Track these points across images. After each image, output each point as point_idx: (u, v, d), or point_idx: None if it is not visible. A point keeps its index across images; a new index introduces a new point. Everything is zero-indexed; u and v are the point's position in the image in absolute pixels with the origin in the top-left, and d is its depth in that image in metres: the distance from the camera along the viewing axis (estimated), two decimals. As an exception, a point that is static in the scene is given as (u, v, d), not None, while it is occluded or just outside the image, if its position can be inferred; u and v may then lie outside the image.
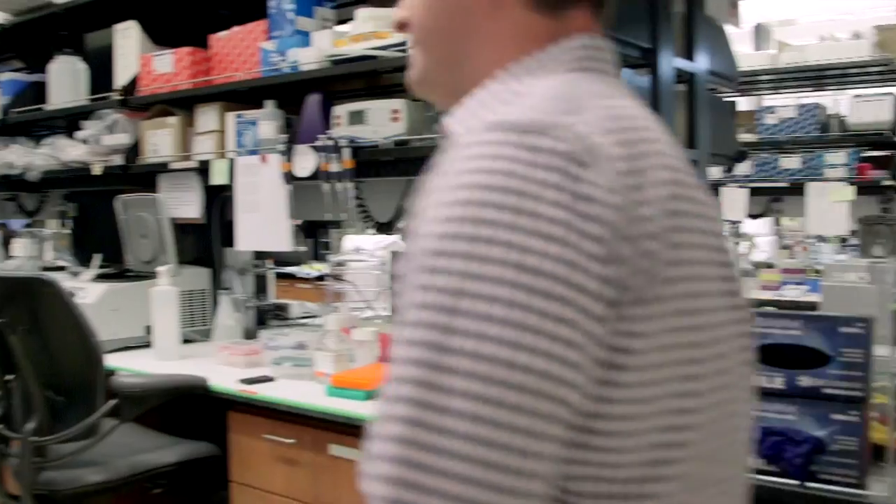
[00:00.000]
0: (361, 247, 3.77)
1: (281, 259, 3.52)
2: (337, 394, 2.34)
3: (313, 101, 2.70)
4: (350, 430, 2.21)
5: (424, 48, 0.94)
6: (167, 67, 3.15)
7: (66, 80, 3.72)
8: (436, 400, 0.66)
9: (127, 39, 3.42)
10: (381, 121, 2.48)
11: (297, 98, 2.81)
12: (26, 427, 2.42)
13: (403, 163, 2.55)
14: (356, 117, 2.54)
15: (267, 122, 2.81)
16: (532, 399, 0.66)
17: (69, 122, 3.81)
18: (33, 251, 3.87)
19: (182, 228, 3.31)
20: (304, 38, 2.74)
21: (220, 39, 3.04)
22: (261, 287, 3.35)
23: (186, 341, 3.08)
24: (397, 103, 2.47)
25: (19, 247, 3.92)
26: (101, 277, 3.32)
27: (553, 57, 0.85)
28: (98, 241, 4.03)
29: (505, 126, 0.71)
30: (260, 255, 3.36)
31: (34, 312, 2.41)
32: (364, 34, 2.52)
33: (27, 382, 2.45)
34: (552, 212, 0.67)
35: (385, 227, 2.96)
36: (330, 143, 2.54)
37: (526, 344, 0.65)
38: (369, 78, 2.71)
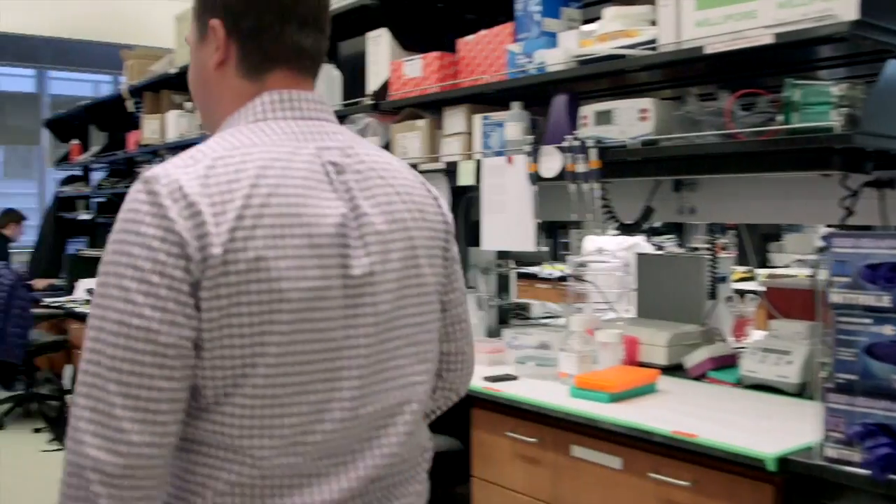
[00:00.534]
0: (603, 248, 3.73)
1: (521, 259, 3.54)
2: (580, 395, 2.32)
3: (560, 101, 2.69)
4: (593, 431, 2.19)
5: (194, 100, 1.34)
6: (416, 72, 3.24)
7: (321, 87, 3.88)
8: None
9: (378, 46, 3.55)
10: (629, 120, 2.44)
11: (543, 99, 2.81)
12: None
13: (651, 163, 2.50)
14: (603, 117, 2.51)
15: (513, 123, 2.83)
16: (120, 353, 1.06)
17: (325, 126, 4.00)
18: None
19: (428, 228, 3.38)
20: (550, 39, 2.74)
21: (468, 43, 3.10)
22: (503, 286, 3.38)
23: (431, 338, 3.16)
24: (645, 102, 2.42)
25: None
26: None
27: (244, 112, 1.22)
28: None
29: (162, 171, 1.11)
30: (502, 255, 3.40)
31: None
32: (611, 33, 2.48)
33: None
34: (137, 243, 1.07)
35: (629, 228, 2.91)
36: (576, 143, 2.53)
37: (117, 325, 1.07)
38: (615, 77, 2.67)
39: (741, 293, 3.21)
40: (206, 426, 1.11)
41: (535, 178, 2.73)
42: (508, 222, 2.86)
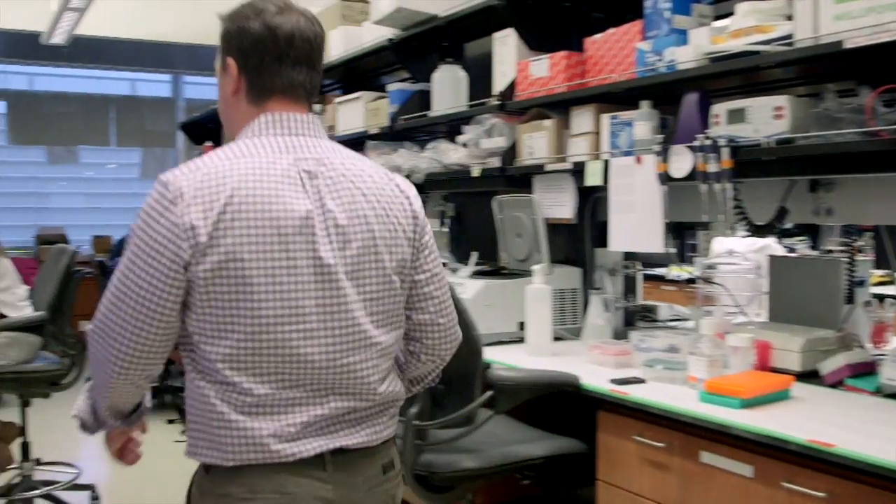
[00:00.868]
0: (733, 249, 3.63)
1: (648, 260, 3.48)
2: (710, 400, 2.27)
3: (690, 100, 2.64)
4: (723, 438, 2.14)
5: (220, 117, 1.75)
6: (543, 72, 3.23)
7: (447, 88, 3.93)
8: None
9: (505, 47, 3.55)
10: (763, 118, 2.37)
11: (672, 97, 2.76)
12: (410, 411, 2.58)
13: (785, 162, 2.42)
14: (736, 115, 2.45)
15: (642, 122, 2.80)
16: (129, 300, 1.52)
17: (450, 127, 4.03)
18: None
19: (554, 228, 3.38)
20: (680, 37, 2.69)
21: (596, 42, 3.07)
22: (629, 288, 3.33)
23: (557, 339, 3.15)
24: (780, 100, 2.35)
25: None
26: (478, 274, 3.48)
27: (247, 129, 1.63)
28: (474, 239, 4.23)
29: (168, 175, 1.53)
30: (628, 256, 3.35)
31: (421, 305, 2.56)
32: (744, 29, 2.42)
33: (413, 370, 2.62)
34: (151, 227, 1.50)
35: (761, 230, 2.83)
36: (708, 142, 2.47)
37: (125, 283, 1.54)
38: (749, 74, 2.60)
39: (880, 298, 3.08)
40: (206, 363, 1.54)
41: (665, 178, 2.68)
42: (636, 223, 2.82)
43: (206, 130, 8.13)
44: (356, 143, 4.87)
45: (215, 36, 1.71)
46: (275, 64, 1.64)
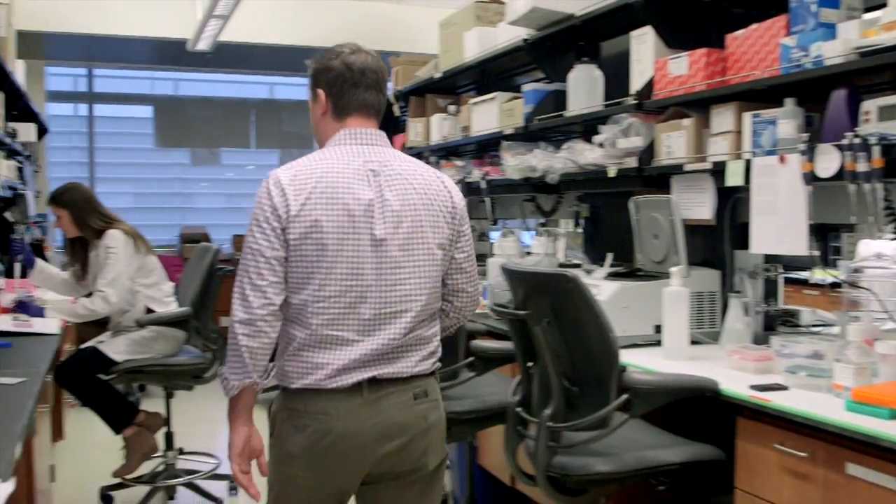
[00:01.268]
0: (882, 252, 3.47)
1: (789, 263, 3.37)
2: (858, 409, 2.18)
3: (839, 96, 2.54)
4: (871, 449, 2.05)
5: (314, 131, 2.35)
6: (682, 70, 3.17)
7: (583, 88, 3.90)
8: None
9: (642, 45, 3.50)
10: (918, 115, 2.27)
11: (818, 94, 2.68)
12: (543, 412, 2.57)
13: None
14: (888, 112, 2.35)
15: (786, 120, 2.71)
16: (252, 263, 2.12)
17: (586, 126, 4.00)
18: (549, 249, 4.11)
19: (692, 230, 3.31)
20: (828, 31, 2.60)
21: (737, 38, 2.99)
22: (770, 291, 3.23)
23: (693, 342, 3.08)
24: (938, 96, 2.24)
25: (537, 244, 4.19)
26: (613, 276, 3.44)
27: (332, 140, 2.23)
28: (609, 240, 4.18)
29: (275, 173, 2.17)
30: (769, 259, 3.25)
31: (556, 306, 2.55)
32: (899, 22, 2.32)
33: (546, 371, 2.60)
34: (260, 210, 2.14)
35: (916, 233, 2.70)
36: (857, 141, 2.37)
37: (247, 257, 2.13)
38: (902, 69, 2.49)
39: None
40: (289, 312, 2.16)
41: (810, 178, 2.59)
42: (779, 224, 2.74)
43: (342, 132, 8.29)
44: (491, 143, 4.90)
45: (351, 39, 2.25)
46: (351, 89, 2.26)
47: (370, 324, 2.14)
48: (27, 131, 6.61)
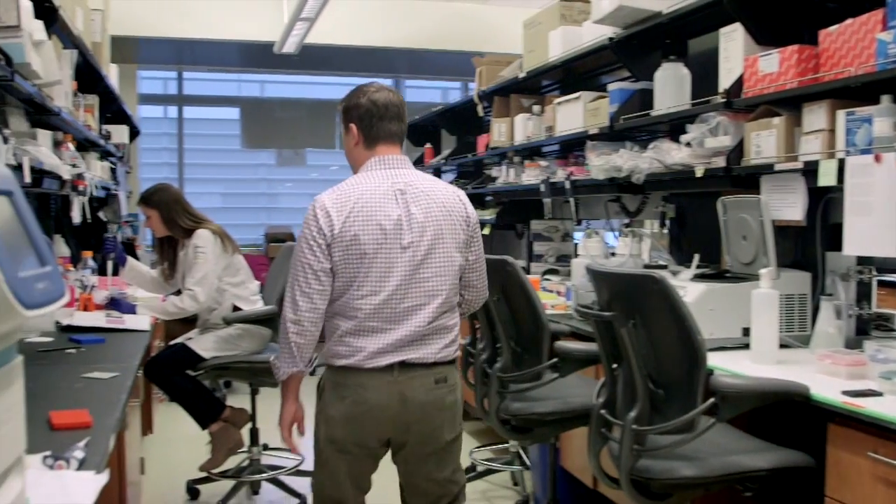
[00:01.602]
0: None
1: (883, 265, 3.26)
2: (958, 417, 2.10)
3: (939, 93, 2.46)
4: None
5: (347, 159, 2.80)
6: (772, 67, 3.09)
7: (670, 86, 3.84)
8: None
9: (731, 42, 3.43)
10: None
11: (917, 91, 2.58)
12: (628, 415, 2.53)
13: None
14: None
15: (882, 118, 2.63)
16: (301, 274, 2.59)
17: (672, 126, 3.94)
18: (634, 249, 4.06)
19: (782, 231, 3.24)
20: (927, 26, 2.51)
21: (830, 34, 2.91)
22: (863, 294, 3.14)
23: (782, 346, 3.01)
24: None
25: (622, 245, 4.14)
26: (700, 277, 3.38)
27: (363, 167, 2.69)
28: (696, 241, 4.12)
29: (322, 195, 2.64)
30: (863, 261, 3.16)
31: (642, 307, 2.52)
32: None
33: (631, 373, 2.57)
34: (308, 229, 2.60)
35: None
36: (959, 139, 2.29)
37: (297, 269, 2.60)
38: None
39: None
40: (336, 307, 2.61)
41: (908, 178, 2.50)
42: (874, 225, 2.65)
43: (426, 133, 8.33)
44: (575, 143, 4.86)
45: (435, 40, 2.27)
46: (378, 122, 2.70)
47: (400, 315, 2.59)
48: (120, 133, 6.79)
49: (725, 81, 3.42)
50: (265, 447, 4.95)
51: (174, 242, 4.59)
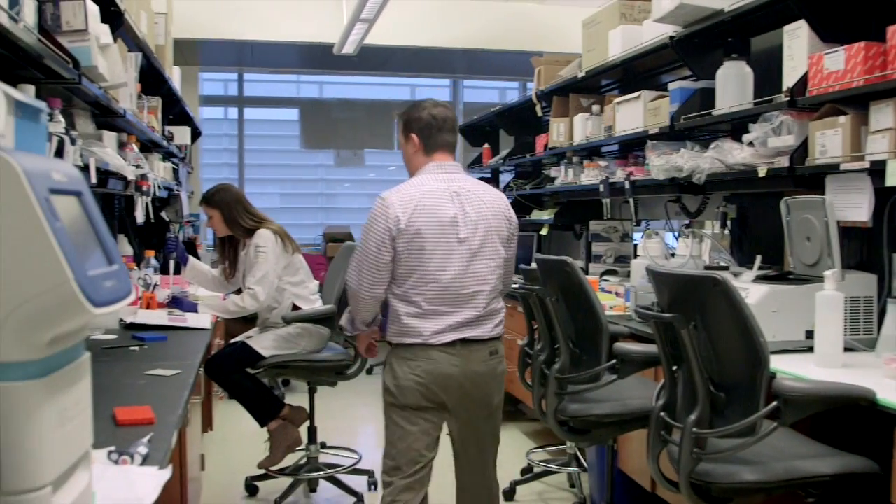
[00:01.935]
0: None
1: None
2: None
3: None
4: None
5: (406, 164, 3.22)
6: (838, 65, 3.04)
7: (732, 85, 3.79)
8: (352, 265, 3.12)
9: (795, 39, 3.37)
10: None
11: None
12: (688, 418, 2.50)
13: None
14: None
15: (953, 117, 2.56)
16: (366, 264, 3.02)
17: (734, 125, 3.88)
18: (695, 250, 4.01)
19: (847, 232, 3.17)
20: None
21: (899, 31, 2.84)
22: (932, 297, 3.07)
23: (847, 349, 2.95)
24: None
25: (682, 246, 4.10)
26: (762, 279, 3.33)
27: (422, 170, 3.12)
28: (758, 242, 4.06)
29: (384, 194, 3.04)
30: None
31: (703, 309, 2.48)
32: None
33: (692, 375, 2.53)
34: (375, 224, 3.00)
35: None
36: None
37: (364, 250, 3.01)
38: None
39: None
40: (399, 293, 3.01)
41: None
42: (944, 227, 2.59)
43: (484, 133, 8.33)
44: (634, 143, 4.82)
45: (494, 40, 2.30)
46: (436, 133, 3.14)
47: (461, 300, 3.03)
48: (182, 134, 6.89)
49: (789, 80, 3.36)
50: (323, 445, 4.99)
51: (235, 242, 4.65)
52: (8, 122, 1.11)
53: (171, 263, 4.88)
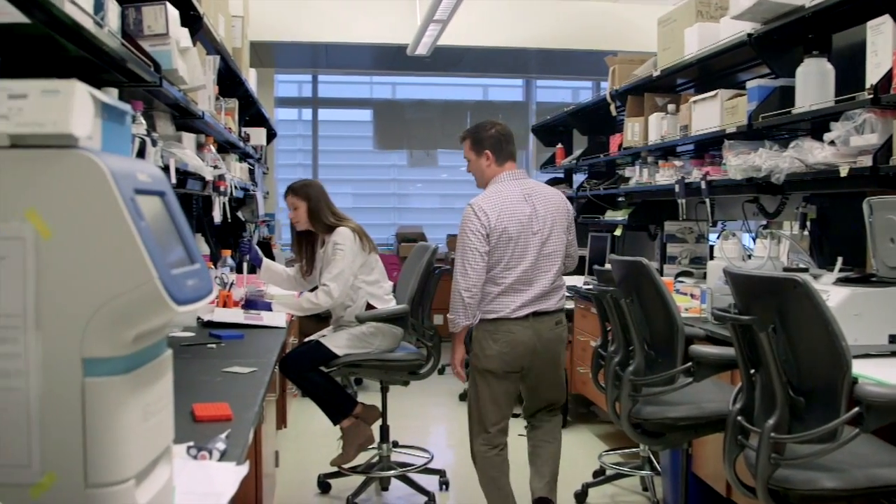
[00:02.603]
0: None
1: None
2: None
3: None
4: None
5: (476, 174, 4.02)
6: (924, 62, 2.95)
7: (812, 83, 3.71)
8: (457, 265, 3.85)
9: (879, 35, 3.28)
10: None
11: None
12: (767, 423, 2.46)
13: None
14: None
15: None
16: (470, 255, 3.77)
17: (814, 124, 3.80)
18: (773, 252, 3.94)
19: (933, 233, 3.08)
20: None
21: None
22: None
23: (934, 354, 2.87)
24: None
25: (759, 247, 4.03)
26: (843, 281, 3.25)
27: (495, 179, 3.92)
28: (838, 243, 3.97)
29: (474, 201, 3.84)
30: None
31: (782, 312, 2.43)
32: None
33: (770, 379, 2.48)
34: (472, 224, 3.78)
35: None
36: None
37: (466, 251, 3.77)
38: None
39: None
40: (488, 278, 3.79)
41: None
42: None
43: (557, 133, 8.29)
44: (710, 142, 4.75)
45: (567, 40, 2.28)
46: (505, 146, 3.92)
47: (534, 279, 3.79)
48: (258, 136, 7.00)
49: (873, 77, 3.27)
50: (395, 444, 5.01)
51: (313, 239, 4.70)
52: (95, 124, 1.13)
53: (245, 265, 4.96)
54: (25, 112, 1.10)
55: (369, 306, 4.52)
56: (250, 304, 4.44)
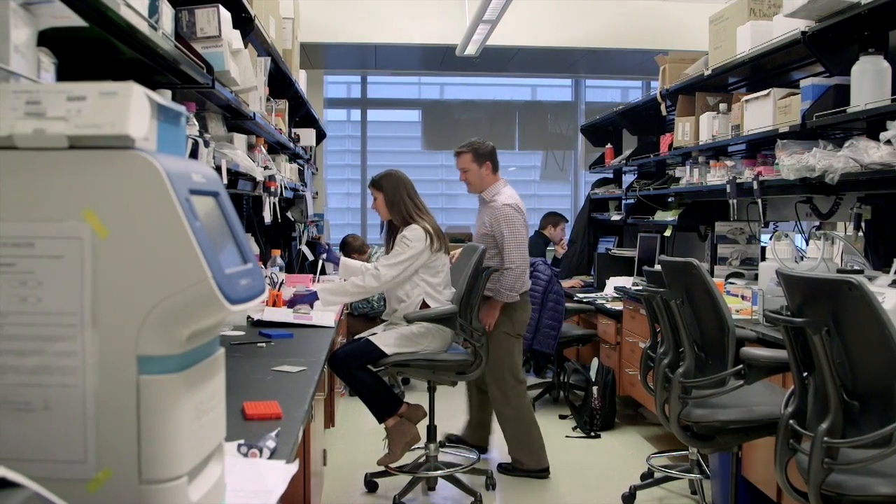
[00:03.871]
0: None
1: None
2: None
3: None
4: None
5: (476, 181, 5.19)
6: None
7: (868, 81, 3.65)
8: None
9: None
10: None
11: None
12: (820, 427, 2.42)
13: None
14: None
15: None
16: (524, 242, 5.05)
17: (870, 123, 3.74)
18: (826, 253, 3.88)
19: None
20: None
21: None
22: None
23: None
24: None
25: (813, 248, 3.97)
26: (899, 283, 3.20)
27: (500, 184, 5.17)
28: (894, 245, 3.89)
29: (510, 203, 5.01)
30: None
31: (836, 314, 2.40)
32: None
33: (824, 382, 2.45)
34: (520, 219, 5.02)
35: None
36: None
37: (521, 239, 5.00)
38: None
39: None
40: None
41: None
42: None
43: (606, 133, 8.24)
44: (762, 142, 4.70)
45: (616, 39, 2.37)
46: (496, 159, 5.12)
47: None
48: (308, 136, 7.05)
49: (931, 75, 3.21)
50: (442, 444, 5.02)
51: (397, 228, 4.72)
52: (151, 126, 1.15)
53: (319, 264, 5.66)
54: (84, 114, 1.11)
55: (424, 305, 4.51)
56: (294, 301, 4.45)
